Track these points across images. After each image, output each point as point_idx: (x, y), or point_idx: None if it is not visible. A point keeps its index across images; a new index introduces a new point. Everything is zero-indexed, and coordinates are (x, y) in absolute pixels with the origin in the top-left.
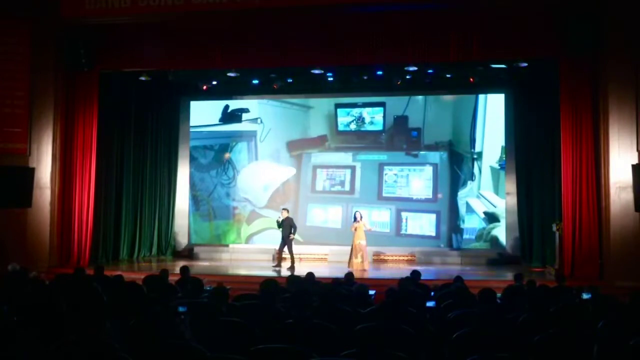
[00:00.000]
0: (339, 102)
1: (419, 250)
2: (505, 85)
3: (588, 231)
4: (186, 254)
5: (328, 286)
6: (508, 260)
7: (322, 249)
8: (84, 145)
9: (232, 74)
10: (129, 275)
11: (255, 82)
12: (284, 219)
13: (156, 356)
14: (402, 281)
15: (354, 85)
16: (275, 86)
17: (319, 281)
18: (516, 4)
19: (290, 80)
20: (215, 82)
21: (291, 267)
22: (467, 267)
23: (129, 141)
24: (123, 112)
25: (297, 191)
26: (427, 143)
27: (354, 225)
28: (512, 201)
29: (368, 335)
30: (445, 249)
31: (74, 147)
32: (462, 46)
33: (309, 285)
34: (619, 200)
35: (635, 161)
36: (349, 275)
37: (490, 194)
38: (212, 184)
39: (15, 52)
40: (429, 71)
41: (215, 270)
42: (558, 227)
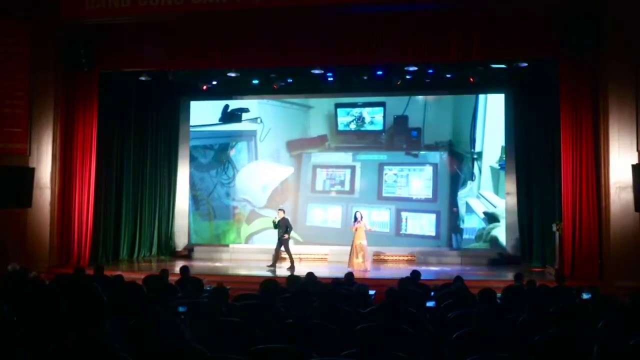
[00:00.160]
0: (339, 102)
1: (418, 250)
2: (505, 85)
3: (588, 231)
4: (186, 254)
5: (328, 286)
6: (508, 260)
7: (322, 249)
8: (84, 145)
9: (232, 74)
10: (129, 275)
11: (255, 82)
12: (280, 219)
13: (156, 356)
14: (402, 281)
15: (354, 85)
16: (275, 86)
17: (319, 281)
18: (516, 4)
19: (290, 80)
20: (215, 82)
21: (291, 267)
22: (467, 267)
23: (129, 141)
24: (123, 112)
25: (296, 191)
26: (427, 143)
27: (354, 226)
28: (512, 201)
29: (368, 335)
30: (445, 249)
31: (74, 147)
32: (462, 46)
33: (309, 285)
34: (619, 200)
35: (635, 161)
36: (349, 275)
37: (490, 194)
38: (212, 183)
39: (15, 52)
40: (429, 71)
41: (215, 270)
42: (558, 227)
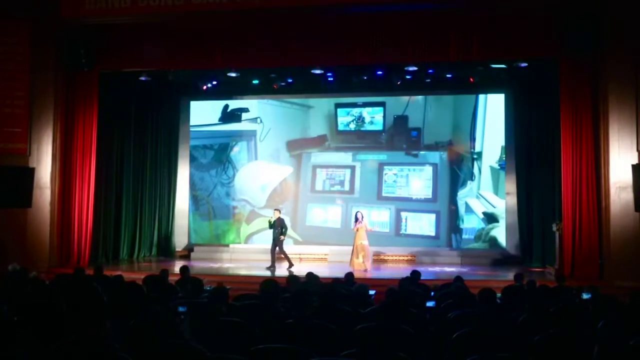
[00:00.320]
0: (339, 102)
1: (418, 250)
2: (505, 85)
3: (588, 231)
4: (186, 254)
5: (328, 286)
6: (508, 260)
7: (322, 249)
8: (84, 145)
9: (232, 74)
10: (129, 275)
11: (255, 82)
12: (275, 219)
13: (156, 356)
14: (402, 281)
15: (354, 85)
16: (275, 86)
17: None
18: (516, 4)
19: (290, 80)
20: (215, 82)
21: (289, 266)
22: (467, 267)
23: (129, 141)
24: (123, 112)
25: (296, 191)
26: (427, 143)
27: (356, 226)
28: (512, 201)
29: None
30: (445, 249)
31: (73, 147)
32: (462, 46)
33: (309, 285)
34: (619, 200)
35: (635, 161)
36: (349, 275)
37: (490, 194)
38: (212, 183)
39: (15, 52)
40: (429, 71)
41: (215, 270)
42: (558, 227)
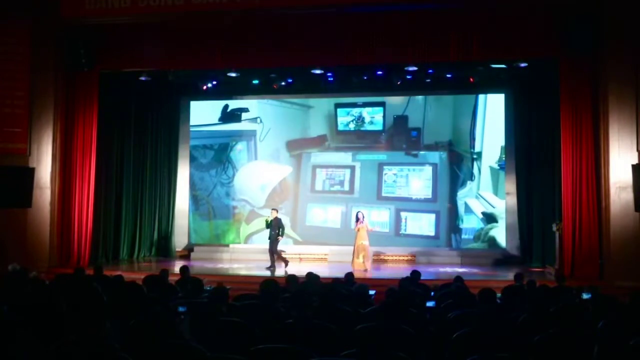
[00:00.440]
0: (338, 102)
1: (418, 250)
2: (505, 85)
3: (588, 231)
4: (186, 253)
5: (328, 286)
6: (508, 260)
7: (322, 249)
8: (84, 145)
9: (232, 74)
10: (129, 275)
11: (255, 82)
12: (272, 219)
13: (156, 356)
14: (402, 281)
15: (354, 85)
16: (275, 86)
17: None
18: (516, 4)
19: (290, 80)
20: (215, 82)
21: (285, 265)
22: (467, 267)
23: (129, 141)
24: (123, 112)
25: (296, 191)
26: (426, 143)
27: (357, 226)
28: (511, 201)
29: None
30: (444, 249)
31: (73, 147)
32: (462, 46)
33: (309, 285)
34: (619, 200)
35: (635, 161)
36: (349, 275)
37: (489, 194)
38: (212, 183)
39: (15, 52)
40: (429, 71)
41: (215, 270)
42: (558, 227)
